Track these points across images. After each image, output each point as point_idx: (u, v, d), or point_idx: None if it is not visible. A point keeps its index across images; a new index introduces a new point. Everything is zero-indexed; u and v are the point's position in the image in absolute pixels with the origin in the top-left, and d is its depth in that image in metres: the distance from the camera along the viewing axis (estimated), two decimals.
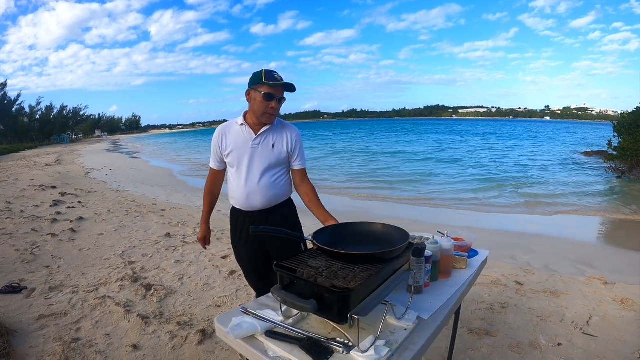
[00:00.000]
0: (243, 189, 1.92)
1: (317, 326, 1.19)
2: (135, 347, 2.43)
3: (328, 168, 14.60)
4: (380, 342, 1.06)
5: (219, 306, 3.06)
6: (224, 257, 4.10)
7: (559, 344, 2.40)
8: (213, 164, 2.05)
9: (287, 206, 2.06)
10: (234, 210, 2.05)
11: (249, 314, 1.26)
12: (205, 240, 2.21)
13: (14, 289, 3.20)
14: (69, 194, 8.17)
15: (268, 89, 1.77)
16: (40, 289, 3.27)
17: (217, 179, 2.09)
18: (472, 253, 2.00)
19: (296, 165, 2.01)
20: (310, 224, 2.38)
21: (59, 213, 6.30)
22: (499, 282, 3.42)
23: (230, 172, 1.99)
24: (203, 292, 3.33)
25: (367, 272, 1.07)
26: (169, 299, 3.16)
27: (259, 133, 1.89)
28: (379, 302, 1.05)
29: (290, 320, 1.20)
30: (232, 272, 3.66)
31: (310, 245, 1.33)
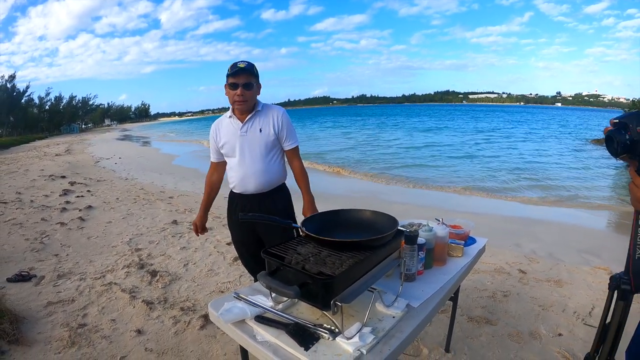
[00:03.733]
0: (237, 174, 2.02)
1: (306, 312, 1.20)
2: (139, 331, 2.49)
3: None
4: (366, 329, 1.07)
5: (222, 292, 3.10)
6: (228, 244, 4.12)
7: (560, 334, 2.39)
8: (212, 157, 2.20)
9: (280, 191, 2.13)
10: (230, 194, 2.16)
11: (240, 299, 1.28)
12: (198, 226, 2.29)
13: (23, 277, 3.28)
14: (79, 183, 8.27)
15: (231, 79, 1.89)
16: (49, 277, 3.34)
17: (216, 170, 2.23)
18: (470, 241, 1.99)
19: (287, 146, 2.09)
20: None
21: (68, 202, 6.39)
22: (502, 270, 3.40)
23: (228, 161, 2.11)
24: (207, 278, 3.38)
25: (353, 259, 1.07)
26: (173, 285, 3.22)
27: (245, 121, 1.99)
28: (365, 289, 1.06)
29: (280, 306, 1.21)
30: (236, 259, 3.69)
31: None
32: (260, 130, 1.98)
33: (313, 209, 2.16)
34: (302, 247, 1.19)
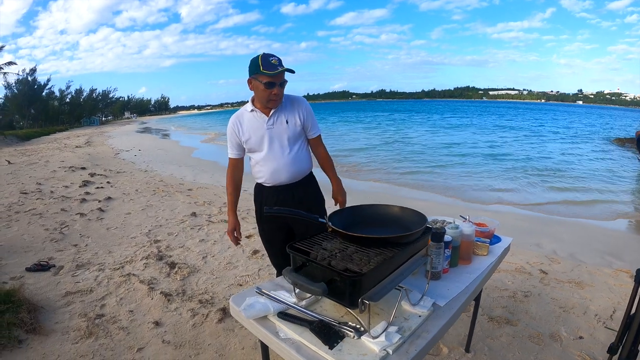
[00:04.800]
0: (268, 167, 1.99)
1: (330, 309, 1.18)
2: (157, 323, 2.50)
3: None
4: (392, 329, 1.04)
5: (240, 285, 3.10)
6: (248, 237, 4.13)
7: (580, 337, 2.32)
8: (231, 153, 2.09)
9: (310, 180, 2.14)
10: (258, 187, 2.11)
11: (263, 295, 1.26)
12: (234, 232, 2.16)
13: (42, 267, 3.33)
14: (98, 175, 8.40)
15: (268, 78, 1.80)
16: (68, 267, 3.40)
17: (237, 167, 2.13)
18: (495, 239, 1.95)
19: (311, 135, 2.10)
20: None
21: (87, 193, 6.49)
22: (523, 270, 3.33)
23: (253, 156, 2.05)
24: (226, 270, 3.38)
25: (380, 256, 1.04)
26: (192, 277, 3.23)
27: (270, 114, 1.95)
28: (392, 287, 1.03)
29: (304, 302, 1.19)
30: (255, 252, 3.70)
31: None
32: (287, 122, 1.97)
33: (342, 191, 2.22)
34: (328, 242, 1.17)
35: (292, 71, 1.86)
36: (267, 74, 1.78)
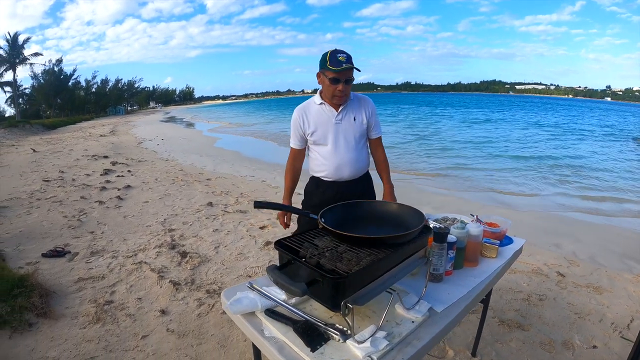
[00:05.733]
0: (332, 162, 2.01)
1: (320, 309, 1.13)
2: (163, 312, 2.53)
3: None
4: (380, 334, 0.99)
5: (249, 276, 3.09)
6: (261, 228, 4.13)
7: (594, 347, 2.21)
8: (294, 144, 2.11)
9: (367, 178, 2.17)
10: (315, 180, 2.13)
11: (254, 290, 1.23)
12: (285, 217, 2.15)
13: (58, 253, 3.42)
14: (120, 163, 8.56)
15: (333, 74, 1.83)
16: (83, 254, 3.47)
17: (298, 157, 2.16)
18: (506, 241, 1.86)
19: (373, 135, 2.12)
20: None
21: (108, 181, 6.63)
22: (540, 272, 3.20)
23: (316, 149, 2.06)
24: (236, 261, 3.38)
25: (370, 257, 0.99)
26: (202, 267, 3.25)
27: (340, 110, 1.98)
28: (382, 290, 0.98)
29: (293, 301, 1.16)
30: (268, 243, 3.69)
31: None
32: (355, 119, 2.00)
33: (393, 196, 2.19)
34: (320, 240, 1.12)
35: (357, 69, 1.87)
36: (332, 70, 1.81)
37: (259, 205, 1.29)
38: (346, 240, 1.07)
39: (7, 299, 2.43)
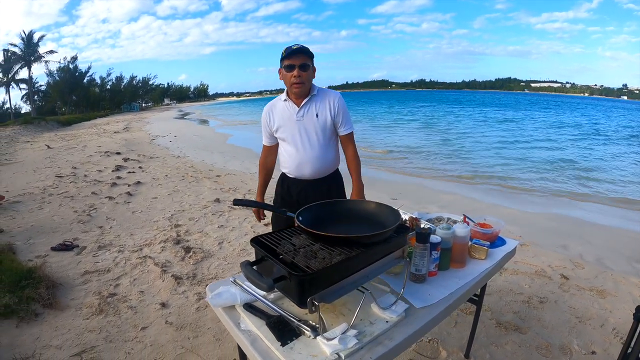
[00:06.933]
0: (294, 159, 2.01)
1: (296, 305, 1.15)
2: (163, 305, 2.60)
3: None
4: (351, 332, 1.01)
5: None
6: (266, 224, 4.16)
7: (593, 352, 2.16)
8: (264, 141, 2.16)
9: (334, 178, 2.14)
10: (282, 177, 2.16)
11: (236, 285, 1.26)
12: (259, 213, 2.27)
13: (66, 247, 3.54)
14: (132, 160, 8.71)
15: (286, 61, 1.86)
16: (90, 248, 3.57)
17: (269, 154, 2.20)
18: (499, 242, 1.85)
19: (342, 131, 2.06)
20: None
21: (119, 177, 6.76)
22: (544, 274, 3.16)
23: (282, 145, 2.09)
24: (239, 257, 3.42)
25: (341, 255, 1.00)
26: (204, 262, 3.31)
27: (301, 105, 1.96)
28: (352, 289, 0.99)
29: (272, 296, 1.18)
30: None
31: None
32: (317, 115, 1.96)
33: (361, 196, 2.13)
34: (297, 238, 1.14)
35: (307, 53, 1.87)
36: (285, 57, 1.86)
37: (238, 202, 1.32)
38: (320, 239, 1.09)
39: (16, 290, 2.53)
